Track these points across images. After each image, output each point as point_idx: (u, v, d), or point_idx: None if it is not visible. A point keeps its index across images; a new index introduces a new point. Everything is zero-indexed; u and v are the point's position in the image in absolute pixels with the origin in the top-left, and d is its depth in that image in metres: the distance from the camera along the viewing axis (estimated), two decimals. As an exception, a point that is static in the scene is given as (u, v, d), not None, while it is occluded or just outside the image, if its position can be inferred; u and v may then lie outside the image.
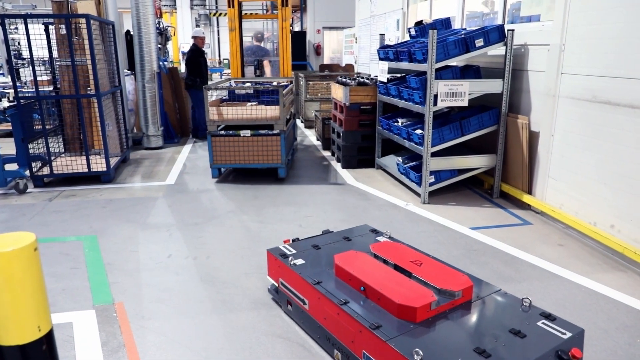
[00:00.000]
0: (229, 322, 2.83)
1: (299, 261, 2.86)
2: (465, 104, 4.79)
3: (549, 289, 3.22)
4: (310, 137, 8.83)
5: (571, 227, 4.16)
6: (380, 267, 2.62)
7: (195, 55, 8.46)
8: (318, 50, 17.96)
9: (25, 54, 9.01)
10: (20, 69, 10.97)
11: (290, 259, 2.87)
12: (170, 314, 2.93)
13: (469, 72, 5.15)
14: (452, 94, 4.73)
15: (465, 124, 4.92)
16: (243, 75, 8.59)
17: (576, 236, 4.10)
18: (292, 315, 2.86)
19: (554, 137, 4.42)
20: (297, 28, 21.07)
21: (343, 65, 11.57)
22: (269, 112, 5.62)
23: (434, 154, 4.91)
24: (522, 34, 4.81)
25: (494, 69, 5.24)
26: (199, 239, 4.08)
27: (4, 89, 9.36)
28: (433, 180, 4.99)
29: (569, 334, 2.14)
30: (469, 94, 4.78)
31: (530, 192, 4.77)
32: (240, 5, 8.26)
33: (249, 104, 5.83)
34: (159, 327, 2.78)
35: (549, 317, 2.28)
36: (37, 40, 5.90)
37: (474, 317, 2.31)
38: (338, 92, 6.48)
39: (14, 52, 12.30)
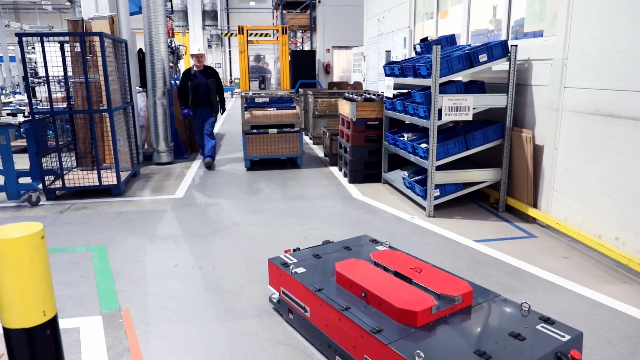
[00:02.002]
0: (232, 329, 2.87)
1: (300, 269, 2.90)
2: (470, 118, 4.84)
3: (552, 300, 3.21)
4: (318, 152, 8.91)
5: (576, 240, 4.16)
6: (380, 274, 2.67)
7: (184, 78, 7.73)
8: (327, 69, 18.20)
9: (41, 72, 9.27)
10: (35, 87, 11.28)
11: (291, 267, 2.90)
12: (174, 320, 2.98)
13: (474, 87, 5.21)
14: (457, 108, 4.79)
15: (470, 138, 4.96)
16: (249, 88, 9.62)
17: (581, 249, 4.09)
18: (294, 324, 2.89)
19: (558, 151, 4.45)
20: (307, 47, 21.41)
21: (351, 83, 11.71)
22: (291, 114, 7.41)
23: (439, 168, 4.95)
24: (526, 49, 4.88)
25: (498, 84, 5.31)
26: (205, 249, 4.14)
27: (20, 105, 9.62)
28: (438, 193, 5.02)
29: (568, 337, 2.17)
30: (474, 108, 4.84)
31: (535, 205, 4.77)
32: (247, 32, 9.76)
33: (270, 109, 7.49)
34: (163, 333, 2.83)
35: (547, 320, 2.31)
36: (52, 59, 6.10)
37: (474, 322, 2.34)
38: (345, 108, 6.57)
39: (31, 71, 12.68)
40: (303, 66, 17.61)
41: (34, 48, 11.50)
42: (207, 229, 4.68)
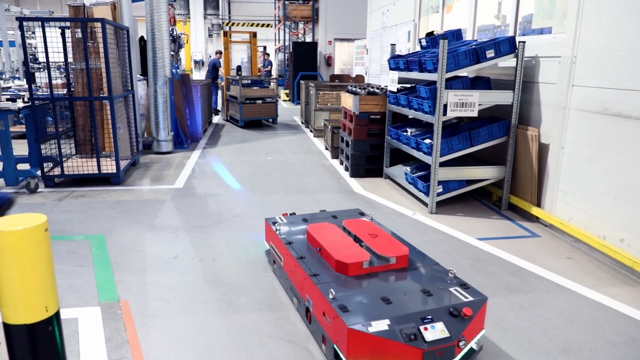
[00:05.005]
0: (233, 323, 2.83)
1: (285, 228, 3.45)
2: (475, 114, 4.79)
3: (556, 302, 3.18)
4: (319, 145, 8.86)
5: (580, 241, 4.12)
6: (341, 235, 3.09)
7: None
8: (329, 62, 18.08)
9: (41, 58, 9.16)
10: (35, 73, 11.16)
11: (277, 224, 3.49)
12: (174, 312, 2.93)
13: (479, 83, 5.15)
14: (462, 104, 4.74)
15: (474, 135, 4.91)
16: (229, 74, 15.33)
17: (585, 249, 4.05)
18: (275, 272, 3.45)
19: (564, 150, 4.41)
20: (308, 39, 21.26)
21: (353, 76, 11.62)
22: (269, 90, 11.44)
23: (442, 164, 4.91)
24: (534, 46, 4.82)
25: (504, 80, 5.25)
26: (206, 241, 4.09)
27: (19, 91, 9.52)
28: (441, 190, 4.97)
29: (470, 299, 2.46)
30: (479, 104, 4.79)
31: (539, 204, 4.74)
32: (230, 35, 14.85)
33: (255, 87, 11.27)
34: (163, 325, 2.79)
35: (463, 285, 2.62)
36: (53, 44, 6.01)
37: (399, 279, 2.71)
38: (348, 101, 6.51)
39: (30, 57, 12.53)
40: (304, 58, 17.50)
41: (34, 33, 11.34)
42: (207, 220, 4.63)
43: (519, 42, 4.75)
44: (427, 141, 5.02)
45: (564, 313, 3.02)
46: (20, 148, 6.94)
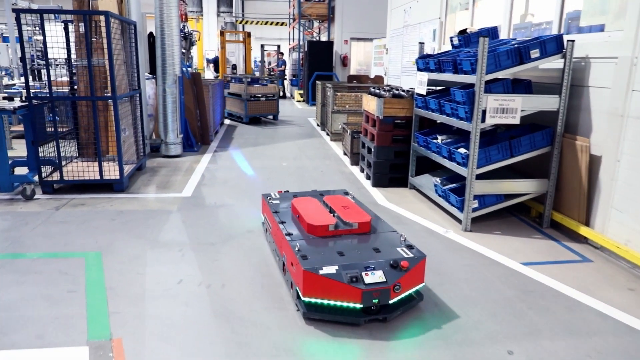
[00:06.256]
0: (244, 373, 2.36)
1: (276, 202, 4.03)
2: (517, 121, 4.27)
3: (628, 348, 2.66)
4: (336, 150, 8.37)
5: (642, 269, 3.60)
6: (319, 207, 3.62)
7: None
8: (345, 61, 17.58)
9: (49, 54, 8.81)
10: (42, 70, 10.82)
11: (269, 198, 4.11)
12: (175, 357, 2.47)
13: (519, 86, 4.63)
14: (503, 110, 4.23)
15: (515, 144, 4.39)
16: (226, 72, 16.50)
17: (648, 279, 3.52)
18: (267, 239, 4.04)
19: (619, 163, 3.87)
20: (323, 38, 20.77)
21: (372, 76, 11.12)
22: (271, 87, 11.95)
23: (478, 177, 4.40)
24: (583, 46, 4.29)
25: (546, 83, 4.73)
26: (215, 262, 3.63)
27: (24, 88, 9.16)
28: (476, 205, 4.46)
29: (410, 255, 2.96)
30: (522, 110, 4.27)
31: (587, 223, 4.21)
32: (224, 34, 16.10)
33: (256, 85, 11.74)
34: (161, 376, 2.32)
35: (409, 247, 3.11)
36: (58, 40, 5.62)
37: (359, 240, 3.23)
38: (371, 104, 6.01)
39: (38, 53, 12.20)
40: (319, 57, 17.01)
41: (36, 27, 10.97)
42: (217, 235, 4.17)
43: (568, 41, 4.23)
44: (462, 151, 4.51)
45: (641, 365, 2.51)
46: (22, 149, 6.57)
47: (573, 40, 4.23)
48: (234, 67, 17.84)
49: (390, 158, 5.83)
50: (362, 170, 6.61)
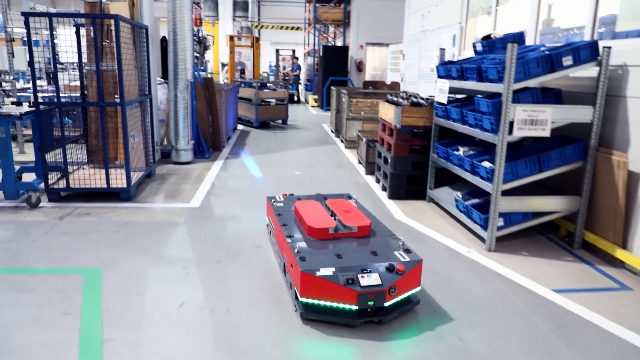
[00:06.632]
0: (247, 418, 2.11)
1: (280, 204, 4.07)
2: (547, 134, 3.97)
3: (681, 396, 2.35)
4: (351, 158, 8.10)
5: (688, 299, 3.26)
6: (321, 210, 3.66)
7: None
8: (360, 67, 17.33)
9: (62, 58, 8.72)
10: (57, 73, 10.76)
11: (273, 201, 4.17)
12: (171, 396, 2.23)
13: (548, 95, 4.32)
14: (532, 121, 3.93)
15: (544, 159, 4.09)
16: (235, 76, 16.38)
17: (696, 312, 3.19)
18: (270, 242, 4.11)
19: (662, 181, 3.55)
20: (338, 43, 20.56)
21: (388, 82, 10.85)
22: (281, 92, 12.16)
23: (504, 193, 4.10)
24: (620, 53, 3.98)
25: (578, 93, 4.42)
26: (220, 282, 3.39)
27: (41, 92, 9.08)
28: (502, 223, 4.16)
29: (407, 260, 2.97)
30: (552, 122, 3.96)
31: (624, 246, 3.88)
32: (234, 39, 16.23)
33: (266, 89, 12.03)
34: (154, 420, 2.08)
35: (407, 250, 3.12)
36: (72, 44, 5.48)
37: (359, 243, 3.24)
38: (388, 112, 5.74)
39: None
40: (334, 62, 16.79)
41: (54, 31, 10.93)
42: (224, 252, 3.94)
43: (604, 47, 3.92)
44: (486, 164, 4.21)
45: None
46: (33, 153, 6.44)
47: (609, 47, 3.92)
48: (242, 71, 17.71)
49: (407, 169, 5.55)
50: (377, 181, 6.34)
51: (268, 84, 12.50)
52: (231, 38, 16.20)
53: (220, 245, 4.07)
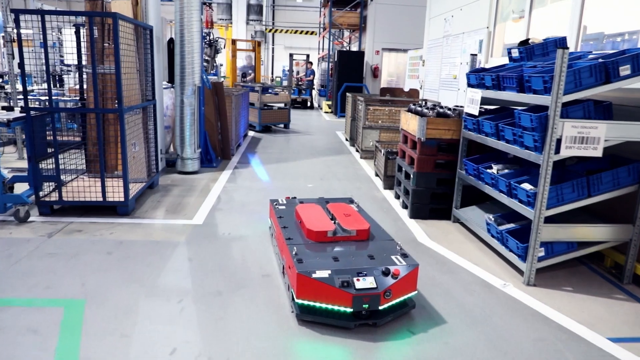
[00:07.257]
0: None
1: (282, 207, 4.09)
2: (599, 154, 3.45)
3: None
4: (367, 169, 7.61)
5: None
6: (321, 213, 3.69)
7: None
8: (375, 73, 16.86)
9: (69, 60, 8.38)
10: (63, 76, 10.46)
11: (276, 204, 4.19)
12: None
13: (598, 110, 3.80)
14: (582, 139, 3.41)
15: (594, 181, 3.57)
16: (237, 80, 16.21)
17: None
18: (272, 243, 4.10)
19: None
20: (353, 48, 20.11)
21: (406, 89, 10.35)
22: (284, 96, 12.32)
23: (546, 219, 3.58)
24: (685, 62, 3.45)
25: (630, 107, 3.90)
26: (219, 321, 2.92)
27: (39, 95, 8.75)
28: (543, 254, 3.64)
29: (403, 264, 3.02)
30: (605, 140, 3.45)
31: (688, 285, 3.34)
32: (236, 42, 16.19)
33: (267, 94, 11.99)
34: None
35: (404, 255, 3.16)
36: (71, 44, 5.10)
37: (357, 247, 3.29)
38: (411, 124, 5.25)
39: (61, 59, 11.88)
40: (349, 68, 16.34)
41: (55, 30, 10.59)
42: (227, 281, 3.47)
43: (666, 55, 3.40)
44: (527, 187, 3.70)
45: None
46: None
47: (673, 55, 3.40)
48: (244, 75, 17.41)
49: (431, 186, 5.05)
50: (397, 197, 5.84)
51: (270, 89, 12.60)
52: (233, 42, 16.02)
53: (222, 273, 3.60)
